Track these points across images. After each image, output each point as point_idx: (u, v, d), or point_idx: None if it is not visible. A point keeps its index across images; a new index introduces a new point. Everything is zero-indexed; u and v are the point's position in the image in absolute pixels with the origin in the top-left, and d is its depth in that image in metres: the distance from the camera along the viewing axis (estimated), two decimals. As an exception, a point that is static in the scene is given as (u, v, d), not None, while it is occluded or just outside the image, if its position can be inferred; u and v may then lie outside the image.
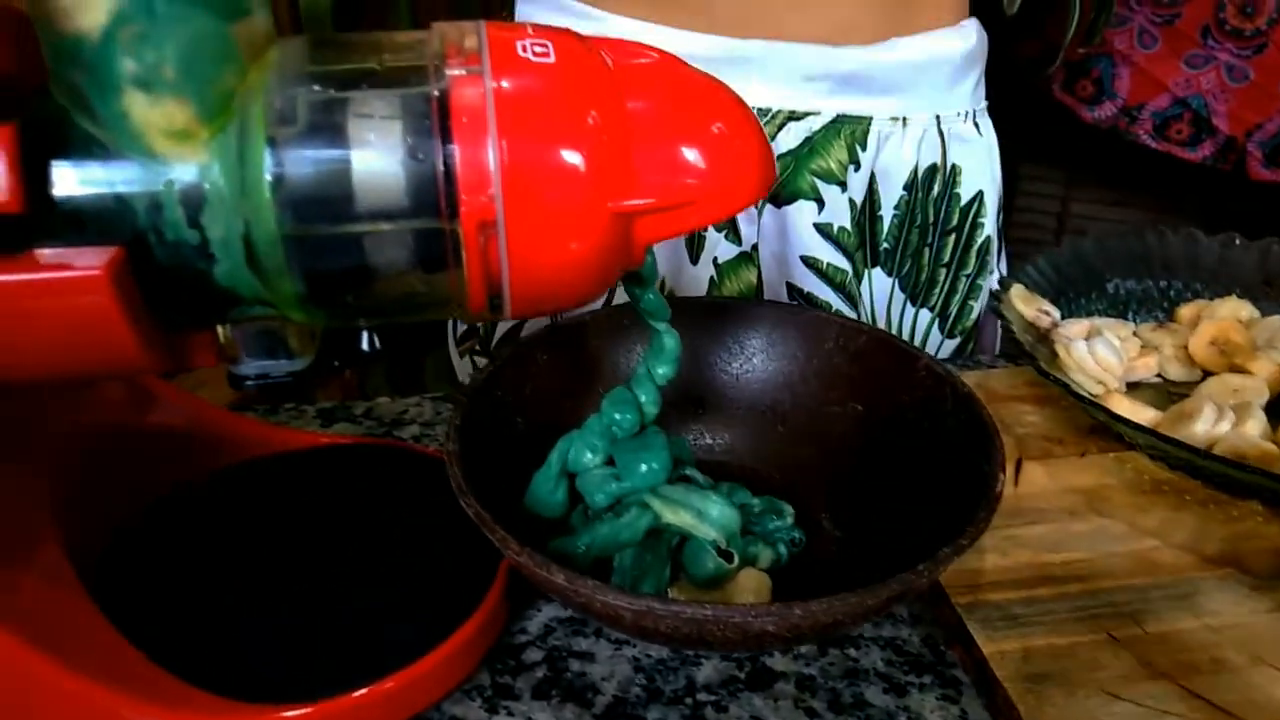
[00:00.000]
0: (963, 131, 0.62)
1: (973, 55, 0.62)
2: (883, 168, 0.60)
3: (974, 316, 0.67)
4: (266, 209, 0.25)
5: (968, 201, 0.63)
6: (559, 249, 0.28)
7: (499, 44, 0.27)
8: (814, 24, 0.55)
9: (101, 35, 0.24)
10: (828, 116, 0.57)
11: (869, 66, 0.56)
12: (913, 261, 0.63)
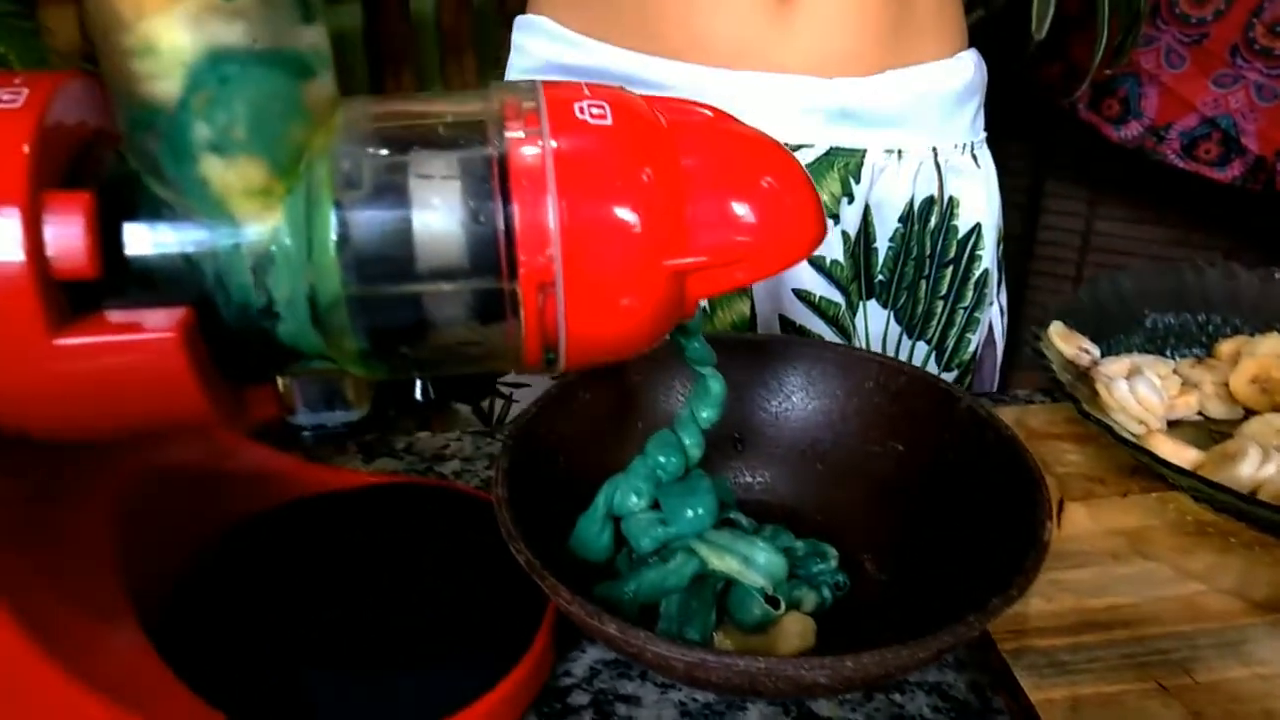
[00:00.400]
0: (960, 164, 0.62)
1: (971, 87, 0.62)
2: (877, 200, 0.60)
3: (972, 349, 0.67)
4: (331, 270, 0.26)
5: (965, 234, 0.63)
6: (615, 306, 0.28)
7: (557, 106, 0.28)
8: (808, 56, 0.55)
9: (176, 104, 0.25)
10: (821, 149, 0.57)
11: (864, 99, 0.56)
12: (909, 294, 0.63)
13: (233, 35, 0.24)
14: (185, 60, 0.24)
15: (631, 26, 0.56)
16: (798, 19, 0.54)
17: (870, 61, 0.56)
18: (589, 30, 0.58)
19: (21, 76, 0.26)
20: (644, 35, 0.56)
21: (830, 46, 0.55)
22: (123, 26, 0.24)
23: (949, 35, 0.61)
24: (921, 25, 0.58)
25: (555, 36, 0.59)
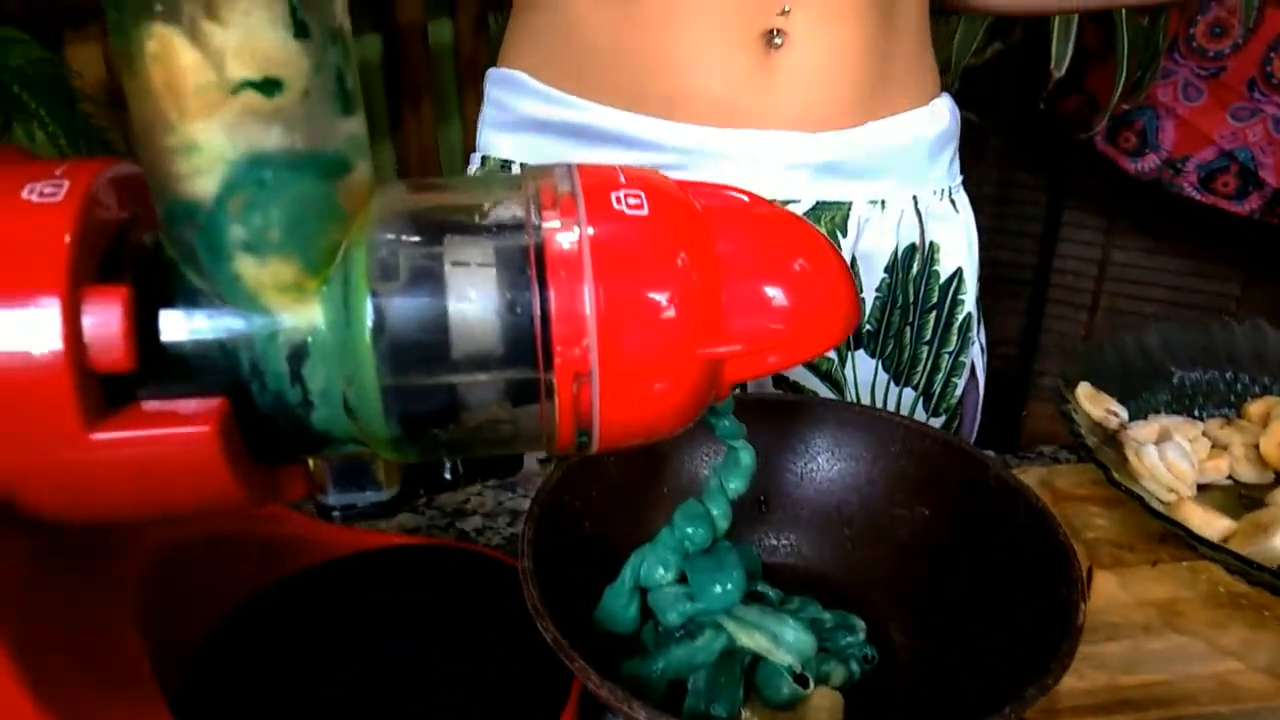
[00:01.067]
0: (940, 210, 0.62)
1: (947, 134, 0.62)
2: (864, 251, 0.60)
3: (958, 393, 0.67)
4: (367, 361, 0.26)
5: (947, 279, 0.63)
6: (649, 393, 0.28)
7: (593, 194, 0.28)
8: (792, 111, 0.55)
9: (213, 203, 0.25)
10: (808, 204, 0.57)
11: (846, 152, 0.56)
12: (895, 341, 0.63)
13: (272, 138, 0.24)
14: (224, 161, 0.24)
15: (613, 84, 0.56)
16: (781, 75, 0.54)
17: (853, 114, 0.56)
18: (569, 86, 0.57)
19: (62, 167, 0.26)
20: (626, 93, 0.55)
21: (814, 101, 0.55)
22: (165, 126, 0.24)
23: (924, 84, 0.62)
24: (899, 75, 0.59)
25: (533, 92, 0.59)
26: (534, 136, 0.59)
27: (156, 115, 0.24)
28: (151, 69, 0.23)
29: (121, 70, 0.24)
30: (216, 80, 0.23)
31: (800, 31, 0.53)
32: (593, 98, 0.56)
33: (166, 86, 0.24)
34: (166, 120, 0.24)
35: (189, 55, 0.23)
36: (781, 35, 0.53)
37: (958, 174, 0.66)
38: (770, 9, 0.52)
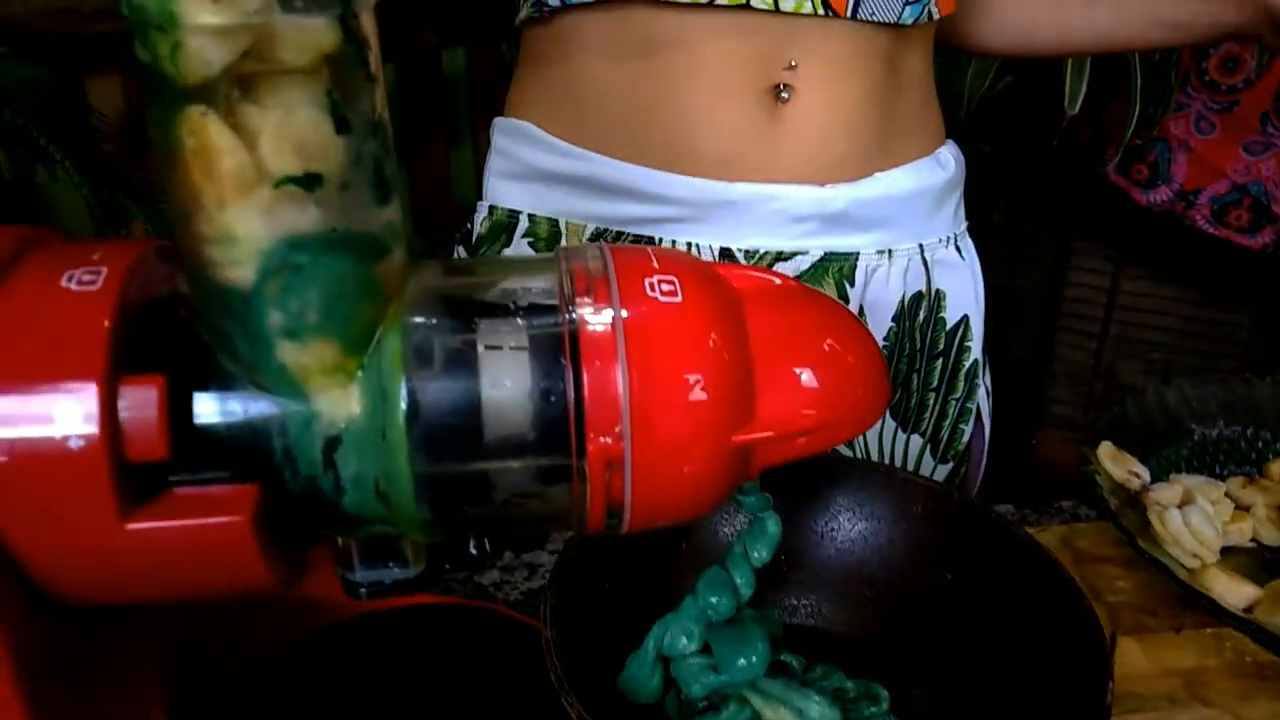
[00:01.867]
0: (946, 257, 0.62)
1: (952, 182, 0.62)
2: (871, 301, 0.60)
3: (965, 439, 0.66)
4: (401, 449, 0.26)
5: (953, 326, 0.63)
6: (681, 478, 0.28)
7: (627, 279, 0.28)
8: (799, 164, 0.55)
9: (250, 290, 0.25)
10: (815, 255, 0.57)
11: (853, 204, 0.56)
12: (902, 389, 0.63)
13: (309, 223, 0.25)
14: (262, 251, 0.24)
15: (622, 137, 0.56)
16: (788, 129, 0.54)
17: (860, 166, 0.56)
18: (576, 139, 0.57)
19: (100, 251, 0.26)
20: (634, 146, 0.55)
21: (821, 154, 0.55)
22: (204, 216, 0.24)
23: (930, 132, 0.62)
24: (904, 125, 0.59)
25: (541, 143, 0.58)
26: (542, 187, 0.59)
27: (195, 205, 0.24)
28: (191, 161, 0.24)
29: (160, 158, 0.24)
30: (256, 173, 0.23)
31: (807, 86, 0.53)
32: (601, 150, 0.56)
33: (205, 178, 0.24)
34: (205, 210, 0.24)
35: (230, 149, 0.23)
36: (788, 89, 0.53)
37: (963, 220, 0.66)
38: (777, 64, 0.52)
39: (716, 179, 0.54)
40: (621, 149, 0.55)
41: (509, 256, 0.41)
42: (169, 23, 0.21)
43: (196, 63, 0.22)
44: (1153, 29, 0.62)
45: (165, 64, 0.22)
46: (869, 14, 0.51)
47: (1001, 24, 0.66)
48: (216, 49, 0.22)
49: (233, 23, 0.22)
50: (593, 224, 0.58)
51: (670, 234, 0.56)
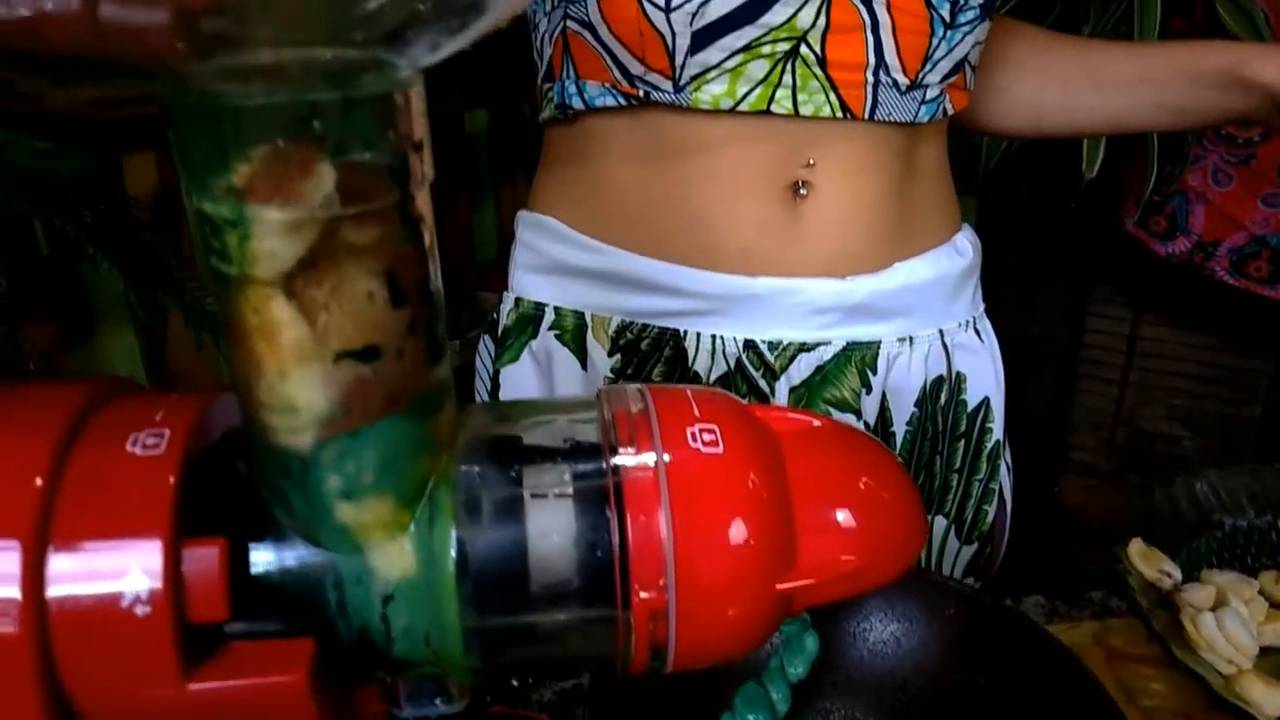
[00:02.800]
0: (965, 341, 0.63)
1: (970, 268, 0.63)
2: (893, 387, 0.60)
3: (990, 520, 0.66)
4: (451, 604, 0.26)
5: (974, 407, 0.64)
6: (725, 623, 0.28)
7: (670, 428, 0.28)
8: (819, 258, 0.56)
9: (309, 455, 0.26)
10: (838, 345, 0.58)
11: (874, 295, 0.57)
12: (925, 471, 0.63)
13: (367, 392, 0.25)
14: (320, 420, 0.25)
15: (644, 234, 0.57)
16: (808, 224, 0.55)
17: (879, 257, 0.57)
18: (600, 234, 0.58)
19: (163, 409, 0.27)
20: (658, 242, 0.56)
21: (841, 248, 0.56)
22: (264, 386, 0.25)
23: (946, 218, 0.63)
24: (921, 215, 0.60)
25: (563, 237, 0.60)
26: (567, 280, 0.60)
27: (256, 374, 0.25)
28: (253, 334, 0.25)
29: (224, 329, 0.26)
30: (317, 350, 0.24)
31: (825, 182, 0.54)
32: (625, 245, 0.57)
33: (267, 350, 0.25)
34: (265, 380, 0.25)
35: (291, 324, 0.24)
36: (807, 186, 0.54)
37: (980, 303, 0.66)
38: (795, 161, 0.54)
39: (739, 273, 0.55)
40: (645, 245, 0.56)
41: (552, 399, 0.41)
42: (239, 223, 0.22)
43: (264, 257, 0.23)
44: (1160, 113, 0.63)
45: (233, 258, 0.23)
46: (885, 115, 0.52)
47: (1010, 107, 0.67)
48: (284, 244, 0.23)
49: (299, 218, 0.23)
50: (618, 317, 0.58)
51: (695, 326, 0.57)
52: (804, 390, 0.58)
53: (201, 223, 0.24)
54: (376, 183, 0.24)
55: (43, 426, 0.26)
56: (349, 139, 0.23)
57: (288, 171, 0.22)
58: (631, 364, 0.59)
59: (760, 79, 0.51)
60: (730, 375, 0.58)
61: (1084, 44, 0.67)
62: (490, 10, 0.21)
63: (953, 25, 0.53)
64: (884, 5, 0.50)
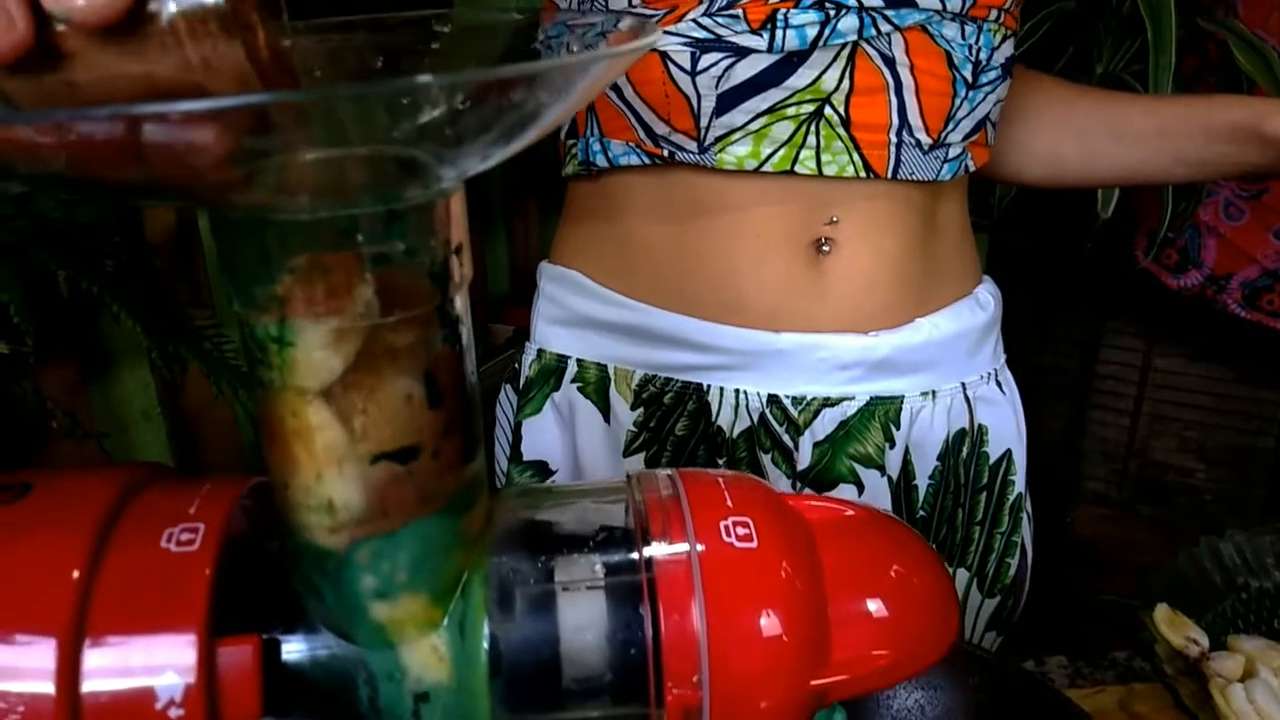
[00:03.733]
0: (987, 393, 0.63)
1: (991, 321, 0.63)
2: (916, 441, 0.60)
3: (1013, 573, 0.66)
4: (483, 701, 0.26)
5: (996, 460, 0.64)
6: (759, 716, 0.28)
7: (703, 522, 0.28)
8: (843, 314, 0.56)
9: (344, 554, 0.25)
10: (862, 400, 0.58)
11: (897, 350, 0.57)
12: (948, 524, 0.63)
13: (402, 492, 0.25)
14: (356, 520, 0.25)
15: (668, 288, 0.57)
16: (831, 280, 0.55)
17: (901, 313, 0.57)
18: (623, 288, 0.58)
19: (197, 500, 0.27)
20: (682, 297, 0.56)
21: (864, 304, 0.56)
22: (301, 486, 0.25)
23: (967, 272, 0.63)
24: (943, 269, 0.59)
25: (587, 291, 0.60)
26: (590, 333, 0.60)
27: (291, 475, 0.25)
28: (291, 437, 0.25)
29: (262, 428, 0.26)
30: (353, 452, 0.24)
31: (848, 239, 0.54)
32: (648, 300, 0.57)
33: (304, 452, 0.25)
34: (301, 481, 0.25)
35: (329, 428, 0.24)
36: (830, 243, 0.54)
37: (1002, 355, 0.66)
38: (819, 219, 0.54)
39: (763, 329, 0.55)
40: (669, 299, 0.56)
41: (582, 484, 0.41)
42: (282, 336, 0.22)
43: (304, 368, 0.23)
44: (1177, 166, 0.63)
45: (274, 365, 0.23)
46: (908, 174, 0.53)
47: (1030, 159, 0.67)
48: (324, 356, 0.23)
49: (341, 329, 0.23)
50: (641, 370, 0.58)
51: (718, 381, 0.57)
52: (828, 445, 0.57)
53: (244, 328, 0.24)
54: (417, 289, 0.24)
55: (80, 520, 0.26)
56: (392, 249, 0.23)
57: (330, 283, 0.22)
58: (654, 417, 0.59)
59: (784, 140, 0.51)
60: (754, 430, 0.57)
61: (1102, 97, 0.67)
62: (539, 126, 0.21)
63: (975, 85, 0.53)
64: (907, 68, 0.51)
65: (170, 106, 0.16)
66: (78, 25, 0.19)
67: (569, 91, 0.20)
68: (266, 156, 0.18)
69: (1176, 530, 1.95)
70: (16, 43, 0.19)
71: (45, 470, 0.30)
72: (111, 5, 0.19)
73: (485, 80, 0.17)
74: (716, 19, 0.49)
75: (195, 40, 0.19)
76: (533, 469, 0.61)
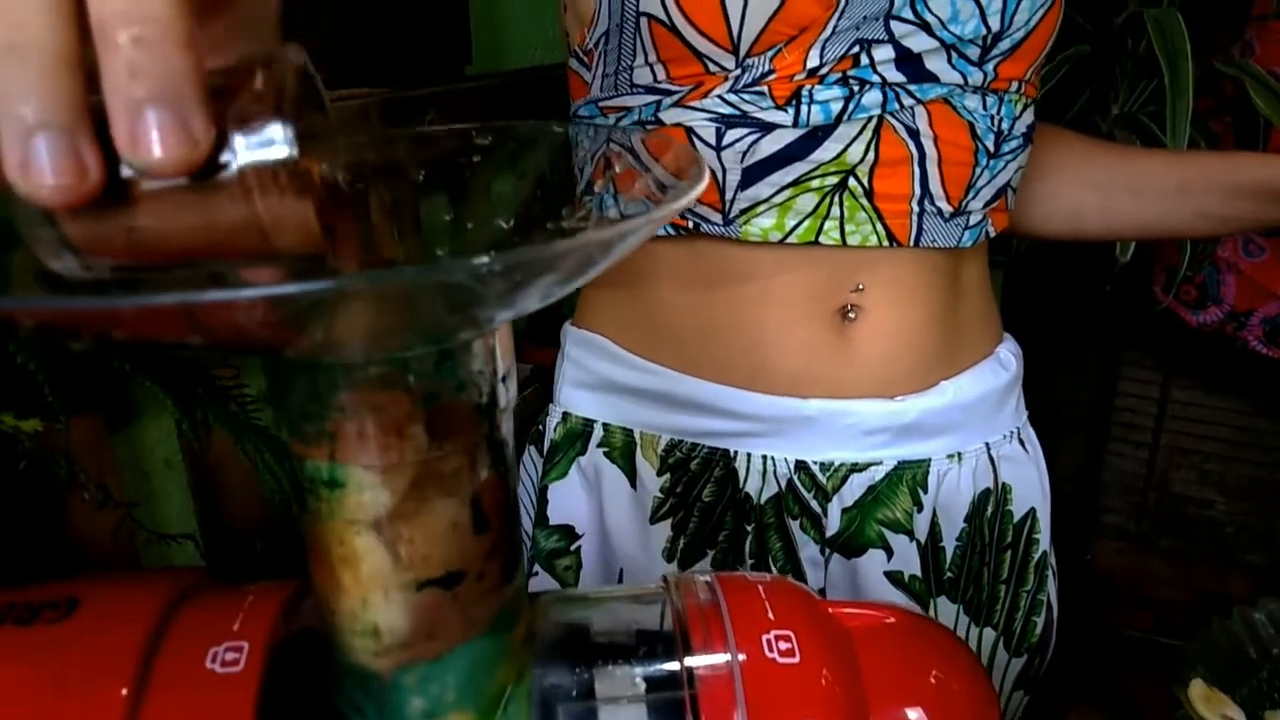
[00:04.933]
0: (1010, 452, 0.62)
1: (1013, 380, 0.63)
2: (944, 504, 0.60)
3: (1039, 632, 0.65)
4: (527, 822, 0.26)
5: (1020, 519, 0.63)
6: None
7: (745, 635, 0.28)
8: (870, 379, 0.56)
9: (390, 678, 0.26)
10: (889, 465, 0.58)
11: (924, 414, 0.57)
12: (973, 583, 0.62)
13: (448, 615, 0.25)
14: (402, 645, 0.25)
15: (694, 355, 0.57)
16: (857, 346, 0.55)
17: (927, 377, 0.57)
18: (649, 353, 0.58)
19: (241, 615, 0.27)
20: (707, 364, 0.57)
21: (890, 369, 0.56)
22: (348, 611, 0.25)
23: (990, 331, 0.63)
24: (968, 328, 0.60)
25: (614, 356, 0.60)
26: (615, 398, 0.60)
27: (337, 599, 0.25)
28: (338, 565, 0.25)
29: (309, 551, 0.26)
30: (400, 580, 0.25)
31: (873, 306, 0.54)
32: (674, 366, 0.57)
33: (351, 580, 0.25)
34: (347, 606, 0.25)
35: (376, 558, 0.24)
36: (855, 310, 0.54)
37: (1024, 411, 0.66)
38: (844, 287, 0.54)
39: (790, 395, 0.55)
40: (695, 366, 0.57)
41: (618, 589, 0.40)
42: (332, 476, 0.23)
43: (353, 505, 0.23)
44: (1198, 220, 0.63)
45: (323, 498, 0.23)
46: (930, 242, 0.53)
47: (1050, 213, 0.67)
48: (373, 496, 0.23)
49: (390, 465, 0.23)
50: (667, 435, 0.59)
51: (746, 447, 0.57)
52: (856, 511, 0.57)
53: (293, 459, 0.24)
54: (465, 420, 0.24)
55: (125, 641, 0.27)
56: (441, 386, 0.23)
57: (381, 421, 0.22)
58: (681, 483, 0.59)
59: (809, 212, 0.51)
60: (782, 496, 0.57)
61: (1123, 153, 0.67)
62: (597, 270, 0.21)
63: (996, 155, 0.54)
64: (931, 139, 0.51)
65: (236, 294, 0.16)
66: (153, 176, 0.19)
67: (624, 248, 0.20)
68: (324, 321, 0.19)
69: (1196, 563, 1.93)
70: (87, 191, 0.19)
71: (90, 578, 0.30)
72: (190, 159, 0.19)
73: (545, 255, 0.17)
74: (742, 95, 0.49)
75: (264, 193, 0.19)
76: (559, 533, 0.61)
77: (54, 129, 0.18)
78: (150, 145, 0.18)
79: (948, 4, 0.48)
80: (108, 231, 0.20)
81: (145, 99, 0.18)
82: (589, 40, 0.54)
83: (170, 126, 0.18)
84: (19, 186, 0.18)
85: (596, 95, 0.55)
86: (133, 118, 0.18)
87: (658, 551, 0.60)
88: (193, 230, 0.20)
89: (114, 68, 0.18)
